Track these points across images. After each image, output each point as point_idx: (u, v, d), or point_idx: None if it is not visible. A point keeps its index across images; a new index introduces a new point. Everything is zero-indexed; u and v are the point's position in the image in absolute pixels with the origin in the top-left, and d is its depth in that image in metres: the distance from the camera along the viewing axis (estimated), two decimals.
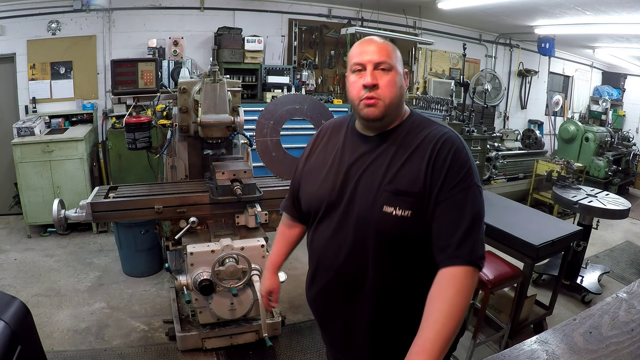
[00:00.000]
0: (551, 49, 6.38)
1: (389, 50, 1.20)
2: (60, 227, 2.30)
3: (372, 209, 1.16)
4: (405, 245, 1.17)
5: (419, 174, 1.14)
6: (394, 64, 1.19)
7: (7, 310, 1.20)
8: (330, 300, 1.32)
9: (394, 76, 1.19)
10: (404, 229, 1.14)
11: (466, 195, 1.13)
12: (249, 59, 4.91)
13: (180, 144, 2.72)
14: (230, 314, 2.31)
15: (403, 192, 1.14)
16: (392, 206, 1.14)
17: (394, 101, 1.19)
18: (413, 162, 1.16)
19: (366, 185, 1.19)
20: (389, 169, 1.18)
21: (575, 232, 2.86)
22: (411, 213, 1.13)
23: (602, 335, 0.78)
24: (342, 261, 1.23)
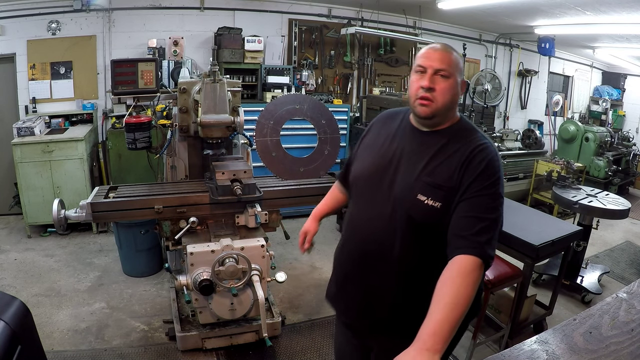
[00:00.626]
0: (551, 49, 6.38)
1: (451, 60, 1.33)
2: (60, 227, 2.30)
3: (409, 195, 1.31)
4: (430, 230, 1.30)
5: (454, 171, 1.27)
6: (453, 72, 1.32)
7: (7, 310, 1.20)
8: (357, 265, 1.45)
9: (450, 84, 1.32)
10: (432, 217, 1.28)
11: (492, 200, 1.25)
12: (249, 59, 4.91)
13: (180, 144, 2.72)
14: (230, 314, 2.31)
15: (438, 186, 1.27)
16: (426, 196, 1.28)
17: (446, 105, 1.32)
18: (451, 161, 1.29)
19: (407, 172, 1.34)
20: (429, 163, 1.32)
21: (575, 232, 2.86)
22: (441, 205, 1.27)
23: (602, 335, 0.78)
24: (374, 233, 1.38)
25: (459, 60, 1.35)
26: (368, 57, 5.86)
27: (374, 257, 1.40)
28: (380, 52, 5.90)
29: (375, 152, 1.46)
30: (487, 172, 1.26)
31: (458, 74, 1.34)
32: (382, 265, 1.38)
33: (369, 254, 1.41)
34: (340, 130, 3.90)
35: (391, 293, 1.38)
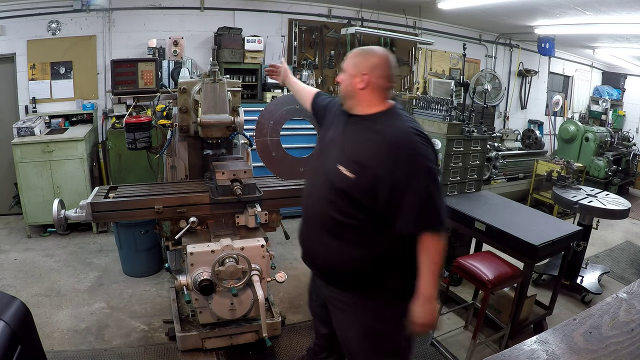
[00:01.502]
0: (551, 49, 6.38)
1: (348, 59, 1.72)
2: (60, 227, 2.30)
3: (333, 166, 1.63)
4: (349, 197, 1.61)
5: (373, 155, 1.56)
6: (345, 67, 1.71)
7: (7, 310, 1.20)
8: (305, 226, 1.83)
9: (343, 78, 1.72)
10: (345, 185, 1.59)
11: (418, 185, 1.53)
12: (249, 59, 4.91)
13: (180, 144, 2.72)
14: (230, 314, 2.31)
15: (356, 162, 1.58)
16: (345, 168, 1.59)
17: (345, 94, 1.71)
18: (372, 145, 1.58)
19: (336, 148, 1.69)
20: (356, 142, 1.64)
21: (575, 232, 2.86)
22: (355, 177, 1.57)
23: (602, 335, 0.78)
24: (313, 201, 1.75)
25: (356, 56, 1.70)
26: None
27: (314, 219, 1.75)
28: None
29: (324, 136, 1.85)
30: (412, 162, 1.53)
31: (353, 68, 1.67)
32: (319, 225, 1.72)
33: (312, 216, 1.77)
34: None
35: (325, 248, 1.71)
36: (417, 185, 1.51)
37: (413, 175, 1.51)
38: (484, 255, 2.80)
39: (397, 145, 1.53)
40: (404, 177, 1.50)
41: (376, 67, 1.63)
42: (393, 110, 1.66)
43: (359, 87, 1.64)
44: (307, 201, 1.80)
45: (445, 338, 2.90)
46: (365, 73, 1.63)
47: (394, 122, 1.61)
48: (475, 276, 2.56)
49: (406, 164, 1.51)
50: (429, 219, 1.53)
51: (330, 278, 1.77)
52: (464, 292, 3.24)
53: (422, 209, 1.52)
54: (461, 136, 3.25)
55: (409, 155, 1.52)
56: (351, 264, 1.65)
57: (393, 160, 1.51)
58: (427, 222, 1.54)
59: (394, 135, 1.56)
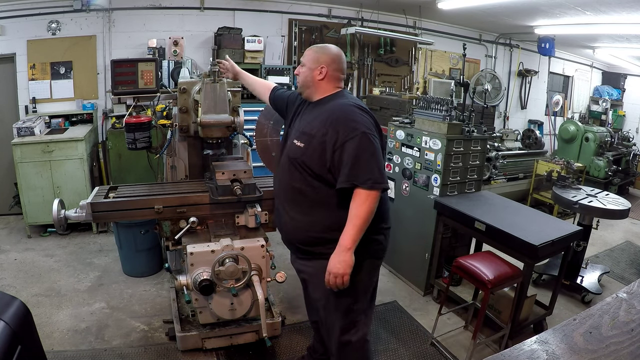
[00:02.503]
0: (551, 49, 6.38)
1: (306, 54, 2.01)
2: (60, 227, 2.30)
3: (291, 143, 1.92)
4: (302, 165, 1.86)
5: (319, 125, 1.82)
6: (305, 62, 1.98)
7: (7, 310, 1.20)
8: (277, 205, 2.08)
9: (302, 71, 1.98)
10: (298, 154, 1.86)
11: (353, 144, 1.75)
12: (249, 59, 4.91)
13: (180, 144, 2.72)
14: (230, 314, 2.31)
15: (305, 133, 1.86)
16: (297, 140, 1.88)
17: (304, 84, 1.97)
18: (319, 117, 1.85)
19: (294, 128, 1.98)
20: (308, 120, 1.91)
21: (575, 232, 2.86)
22: (304, 146, 1.84)
23: (602, 335, 0.78)
24: (278, 178, 2.04)
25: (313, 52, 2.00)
26: (368, 57, 5.86)
27: (279, 193, 2.02)
28: (380, 52, 5.90)
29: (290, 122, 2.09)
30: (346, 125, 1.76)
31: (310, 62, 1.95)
32: (282, 197, 1.98)
33: (277, 192, 2.05)
34: None
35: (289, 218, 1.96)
36: (351, 146, 1.73)
37: (347, 136, 1.74)
38: (484, 255, 2.80)
39: (336, 114, 1.80)
40: (340, 139, 1.74)
41: (333, 62, 1.94)
42: (340, 93, 1.95)
43: (318, 78, 1.92)
44: (274, 180, 2.08)
45: (445, 338, 2.90)
46: (323, 66, 1.92)
47: (339, 99, 1.89)
48: (475, 276, 2.56)
49: (343, 127, 1.75)
50: (359, 174, 1.73)
51: (297, 249, 2.00)
52: (464, 292, 3.24)
53: (354, 165, 1.73)
54: (461, 136, 3.25)
55: (345, 119, 1.77)
56: (312, 229, 1.89)
57: (332, 126, 1.77)
58: (357, 177, 1.73)
59: (334, 107, 1.84)
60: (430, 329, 2.88)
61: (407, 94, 5.94)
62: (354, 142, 1.74)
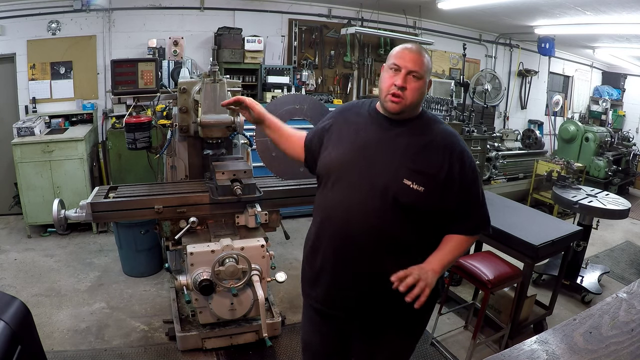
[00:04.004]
0: (551, 49, 6.38)
1: (424, 62, 1.44)
2: (60, 227, 2.30)
3: (394, 180, 1.41)
4: (413, 211, 1.43)
5: (437, 163, 1.42)
6: (424, 74, 1.44)
7: (7, 310, 1.20)
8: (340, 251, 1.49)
9: (421, 85, 1.44)
10: (416, 200, 1.40)
11: (477, 188, 1.50)
12: (249, 59, 4.91)
13: (180, 144, 2.72)
14: (230, 314, 2.31)
15: (420, 172, 1.40)
16: (411, 180, 1.40)
17: (414, 103, 1.45)
18: (430, 150, 1.44)
19: (386, 159, 1.44)
20: (407, 150, 1.44)
21: (575, 232, 2.86)
22: (424, 189, 1.39)
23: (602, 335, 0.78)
24: (358, 218, 1.43)
25: (430, 62, 1.48)
26: (368, 57, 5.86)
27: (361, 241, 1.44)
28: (380, 52, 5.90)
29: (349, 142, 1.51)
30: (468, 165, 1.46)
31: (428, 75, 1.47)
32: (369, 249, 1.44)
33: (355, 238, 1.44)
34: None
35: (381, 275, 1.42)
36: (476, 186, 1.49)
37: (470, 175, 1.46)
38: (484, 255, 2.80)
39: (454, 143, 1.46)
40: (468, 176, 1.45)
41: (430, 68, 1.50)
42: (427, 112, 1.58)
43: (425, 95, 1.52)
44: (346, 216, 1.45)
45: (445, 338, 2.90)
46: (431, 80, 1.55)
47: (436, 124, 1.51)
48: (475, 276, 2.56)
49: (468, 161, 1.46)
50: (486, 221, 1.53)
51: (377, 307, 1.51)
52: (464, 292, 3.24)
53: (481, 214, 1.52)
54: (461, 136, 3.26)
55: (465, 151, 1.48)
56: None
57: (459, 159, 1.44)
58: (485, 224, 1.53)
59: (446, 133, 1.49)
60: (430, 329, 2.88)
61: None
62: (477, 182, 1.49)
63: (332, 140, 1.57)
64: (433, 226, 1.48)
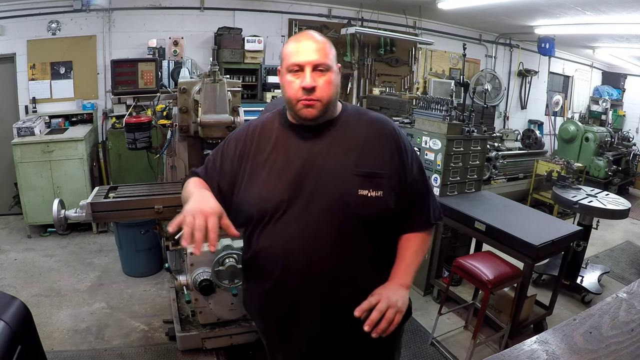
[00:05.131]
0: (551, 49, 6.38)
1: (326, 49, 1.20)
2: (60, 227, 2.30)
3: (348, 195, 1.20)
4: (379, 223, 1.25)
5: (384, 158, 1.25)
6: (331, 63, 1.20)
7: (7, 310, 1.20)
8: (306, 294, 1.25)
9: (331, 76, 1.20)
10: (379, 207, 1.22)
11: (423, 173, 1.36)
12: (249, 59, 4.91)
13: (180, 144, 2.72)
14: (230, 314, 2.32)
15: (370, 175, 1.22)
16: (366, 189, 1.20)
17: (331, 100, 1.21)
18: (371, 146, 1.25)
19: (329, 175, 1.21)
20: (347, 156, 1.23)
21: (575, 232, 2.86)
22: (382, 193, 1.21)
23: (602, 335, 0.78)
24: (317, 250, 1.20)
25: (331, 45, 1.24)
26: (368, 57, 5.86)
27: (328, 275, 1.22)
28: (380, 52, 5.90)
29: (277, 170, 1.24)
30: (411, 151, 1.31)
31: (334, 61, 1.22)
32: (339, 279, 1.23)
33: (321, 273, 1.22)
34: None
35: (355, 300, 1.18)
36: (422, 171, 1.34)
37: (417, 162, 1.32)
38: (484, 255, 2.80)
39: (391, 133, 1.28)
40: (413, 168, 1.30)
41: (334, 51, 1.26)
42: (347, 106, 1.35)
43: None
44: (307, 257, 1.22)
45: (445, 338, 2.90)
46: (339, 64, 1.27)
47: (366, 115, 1.33)
48: (475, 276, 2.56)
49: (408, 151, 1.30)
50: (436, 209, 1.38)
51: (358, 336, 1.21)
52: (464, 292, 3.24)
53: (430, 199, 1.35)
54: (461, 136, 3.25)
55: (403, 139, 1.30)
56: None
57: (399, 152, 1.27)
58: (440, 212, 1.39)
59: (379, 122, 1.30)
60: (430, 329, 2.88)
61: (407, 94, 5.94)
62: (423, 172, 1.35)
63: (249, 174, 1.28)
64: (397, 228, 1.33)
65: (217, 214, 1.08)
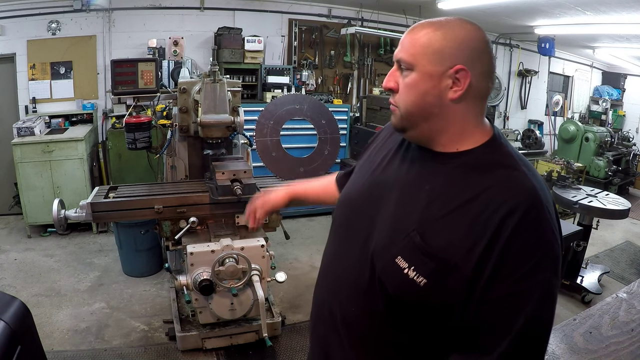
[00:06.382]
0: (551, 49, 6.38)
1: (417, 40, 0.86)
2: (60, 227, 2.30)
3: (385, 252, 0.89)
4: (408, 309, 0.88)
5: (463, 240, 0.80)
6: (418, 62, 0.85)
7: (7, 310, 1.20)
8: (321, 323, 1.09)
9: (412, 80, 0.87)
10: (409, 293, 0.85)
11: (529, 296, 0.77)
12: (249, 59, 4.90)
13: (180, 144, 2.72)
14: (230, 314, 2.31)
15: (430, 254, 0.82)
16: (408, 262, 0.84)
17: (412, 112, 0.89)
18: (462, 217, 0.81)
19: (393, 215, 0.91)
20: (428, 209, 0.85)
21: (575, 232, 2.86)
22: (425, 283, 0.82)
23: (602, 335, 0.78)
24: (340, 289, 1.01)
25: (432, 38, 0.85)
26: (368, 57, 5.85)
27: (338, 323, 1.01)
28: (380, 52, 5.90)
29: (368, 174, 1.04)
30: (526, 249, 0.77)
31: (431, 62, 0.85)
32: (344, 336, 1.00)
33: (333, 315, 1.02)
34: (340, 131, 3.89)
35: None
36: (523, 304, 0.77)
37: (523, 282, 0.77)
38: None
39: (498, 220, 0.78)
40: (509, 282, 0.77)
41: (478, 54, 0.86)
42: (497, 142, 0.90)
43: (450, 98, 0.86)
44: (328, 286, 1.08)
45: None
46: (462, 67, 0.84)
47: (498, 170, 0.84)
48: None
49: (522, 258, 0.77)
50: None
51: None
52: None
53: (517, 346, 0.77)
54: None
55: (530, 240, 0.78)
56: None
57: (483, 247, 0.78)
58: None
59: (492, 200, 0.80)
60: None
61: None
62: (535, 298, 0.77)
63: (358, 166, 1.14)
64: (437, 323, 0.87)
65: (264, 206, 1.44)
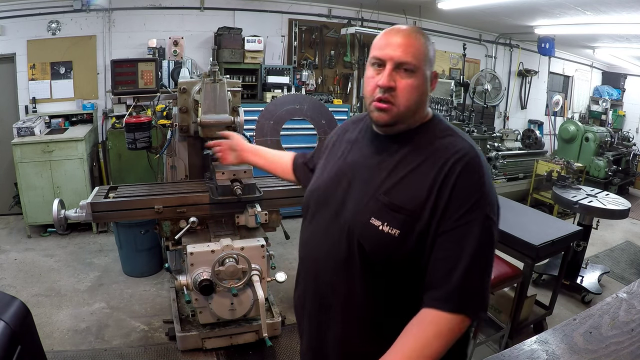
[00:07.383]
0: (551, 49, 6.38)
1: (418, 47, 1.01)
2: (60, 227, 2.30)
3: (360, 217, 1.04)
4: (386, 265, 1.02)
5: (420, 192, 0.98)
6: (420, 65, 1.01)
7: (7, 310, 1.20)
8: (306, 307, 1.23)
9: (416, 80, 1.01)
10: (387, 248, 1.00)
11: (471, 229, 0.96)
12: (249, 59, 4.91)
13: (180, 144, 2.72)
14: (230, 314, 2.31)
15: (396, 208, 0.99)
16: (380, 220, 1.00)
17: (410, 108, 1.03)
18: (416, 175, 1.00)
19: (361, 189, 1.07)
20: (389, 177, 1.03)
21: (575, 232, 2.86)
22: (399, 233, 0.98)
23: (602, 335, 0.78)
24: (325, 269, 1.12)
25: (428, 47, 1.03)
26: (368, 57, 5.86)
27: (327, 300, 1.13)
28: None
29: (332, 165, 1.19)
30: (466, 190, 0.96)
31: (427, 65, 1.03)
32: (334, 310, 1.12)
33: (322, 296, 1.15)
34: None
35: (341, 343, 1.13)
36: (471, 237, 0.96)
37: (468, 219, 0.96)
38: None
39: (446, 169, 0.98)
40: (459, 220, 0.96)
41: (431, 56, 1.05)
42: (437, 119, 1.12)
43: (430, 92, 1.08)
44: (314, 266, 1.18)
45: None
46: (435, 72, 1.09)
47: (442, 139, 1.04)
48: None
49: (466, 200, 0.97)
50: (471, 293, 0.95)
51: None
52: None
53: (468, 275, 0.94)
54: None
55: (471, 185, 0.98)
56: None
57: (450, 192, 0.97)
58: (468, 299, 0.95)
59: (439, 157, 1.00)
60: None
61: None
62: (475, 232, 0.96)
63: (322, 162, 1.27)
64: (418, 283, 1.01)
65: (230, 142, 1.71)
